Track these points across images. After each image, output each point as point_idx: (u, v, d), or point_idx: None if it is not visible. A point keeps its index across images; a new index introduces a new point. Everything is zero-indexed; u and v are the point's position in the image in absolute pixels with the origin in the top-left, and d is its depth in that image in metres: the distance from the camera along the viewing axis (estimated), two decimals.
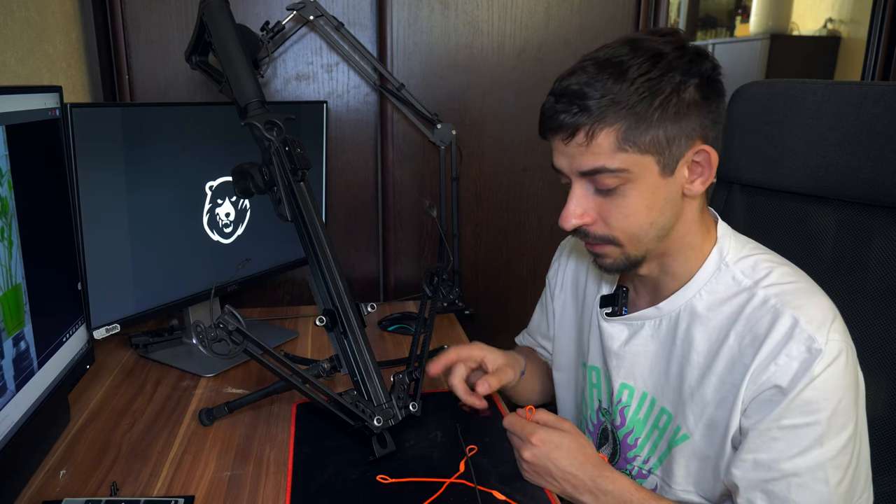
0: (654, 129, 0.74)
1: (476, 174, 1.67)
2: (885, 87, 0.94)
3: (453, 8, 1.56)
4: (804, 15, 3.54)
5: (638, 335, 0.89)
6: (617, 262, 0.83)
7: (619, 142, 0.74)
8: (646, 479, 0.90)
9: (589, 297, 1.00)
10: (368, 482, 0.88)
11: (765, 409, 0.76)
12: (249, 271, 1.39)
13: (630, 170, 0.75)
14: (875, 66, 1.87)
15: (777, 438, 0.75)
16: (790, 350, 0.74)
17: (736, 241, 0.86)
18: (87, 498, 0.85)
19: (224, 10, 1.08)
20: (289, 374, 0.88)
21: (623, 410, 0.91)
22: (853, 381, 0.77)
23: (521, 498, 0.85)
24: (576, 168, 0.77)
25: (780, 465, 0.75)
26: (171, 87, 1.50)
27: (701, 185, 0.80)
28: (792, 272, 0.82)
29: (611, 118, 0.73)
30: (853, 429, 0.76)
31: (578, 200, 0.79)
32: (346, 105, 1.59)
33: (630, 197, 0.77)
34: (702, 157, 0.78)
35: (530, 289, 1.74)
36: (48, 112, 0.89)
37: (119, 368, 1.24)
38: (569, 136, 0.76)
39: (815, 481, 0.75)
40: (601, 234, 0.81)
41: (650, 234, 0.80)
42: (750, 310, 0.79)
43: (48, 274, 0.89)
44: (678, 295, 0.85)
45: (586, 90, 0.74)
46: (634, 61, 0.74)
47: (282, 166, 0.96)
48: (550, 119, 0.77)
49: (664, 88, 0.73)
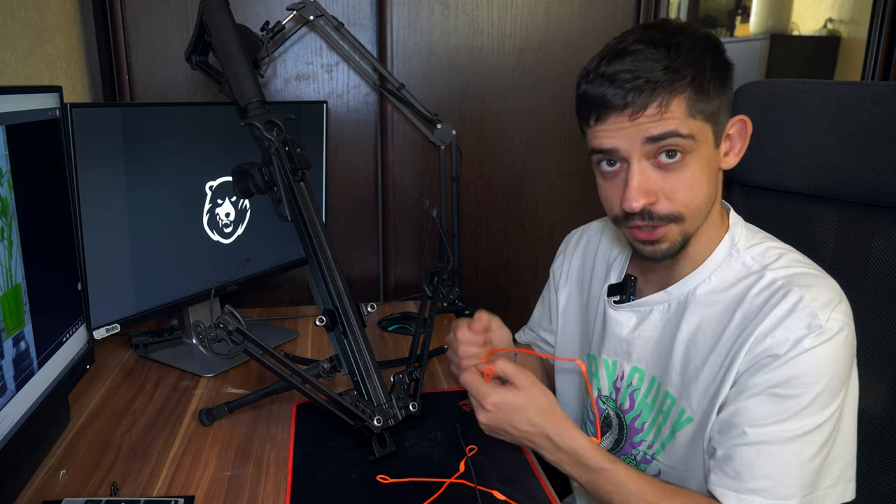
0: (712, 98, 0.77)
1: (476, 174, 1.67)
2: (885, 87, 0.94)
3: (453, 8, 1.56)
4: (804, 15, 3.53)
5: (647, 320, 0.89)
6: (674, 245, 0.82)
7: (689, 108, 0.76)
8: (649, 465, 0.90)
9: (595, 288, 1.00)
10: (368, 482, 0.88)
11: (753, 375, 0.76)
12: (249, 271, 1.39)
13: (696, 137, 0.77)
14: (875, 66, 1.86)
15: (758, 404, 0.75)
16: (790, 324, 0.74)
17: (747, 229, 0.87)
18: (87, 498, 0.85)
19: (224, 10, 1.08)
20: (289, 374, 0.88)
21: (633, 394, 0.92)
22: (847, 363, 0.76)
23: (521, 498, 0.85)
24: (643, 135, 0.76)
25: (754, 430, 0.75)
26: (171, 87, 1.50)
27: (735, 157, 0.83)
28: (801, 258, 0.83)
29: (680, 86, 0.75)
30: (836, 410, 0.75)
31: (641, 178, 0.78)
32: (346, 105, 1.59)
33: (693, 168, 0.78)
34: (736, 128, 0.82)
35: (530, 289, 1.74)
36: (48, 112, 0.89)
37: (119, 368, 1.24)
38: (638, 111, 0.75)
39: (785, 452, 0.74)
40: (666, 213, 0.79)
41: (707, 207, 0.81)
42: (757, 290, 0.79)
43: (48, 274, 0.89)
44: (688, 279, 0.86)
45: (648, 65, 0.75)
46: (676, 38, 0.76)
47: (282, 166, 0.96)
48: (612, 98, 0.76)
49: (707, 62, 0.77)
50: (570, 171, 1.69)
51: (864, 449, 0.81)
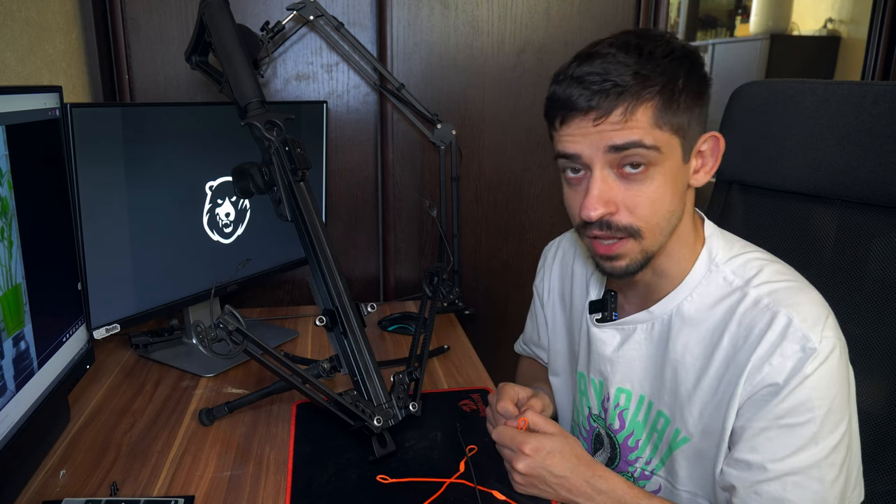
0: (682, 110, 0.74)
1: (476, 174, 1.67)
2: (885, 87, 0.94)
3: (453, 8, 1.56)
4: (804, 15, 3.53)
5: (630, 339, 0.88)
6: (634, 263, 0.80)
7: (655, 118, 0.73)
8: (649, 480, 0.90)
9: (577, 303, 0.99)
10: (368, 482, 0.88)
11: (760, 408, 0.75)
12: (249, 271, 1.39)
13: (661, 149, 0.74)
14: (875, 66, 1.87)
15: (772, 438, 0.75)
16: (784, 349, 0.74)
17: (724, 240, 0.85)
18: (87, 498, 0.85)
19: (224, 10, 1.08)
20: (289, 374, 0.88)
21: (622, 414, 0.91)
22: (845, 377, 0.76)
23: (521, 498, 0.85)
24: (606, 143, 0.74)
25: (776, 465, 0.75)
26: (171, 87, 1.50)
27: (705, 175, 0.81)
28: (783, 269, 0.82)
29: (647, 94, 0.72)
30: (846, 426, 0.76)
31: (602, 186, 0.75)
32: (346, 105, 1.59)
33: (656, 181, 0.75)
34: (709, 144, 0.79)
35: (530, 289, 1.74)
36: (48, 112, 0.89)
37: (119, 368, 1.24)
38: (602, 115, 0.73)
39: (810, 480, 0.74)
40: (625, 225, 0.77)
41: (670, 224, 0.79)
42: (742, 310, 0.78)
43: (48, 274, 0.89)
44: (669, 298, 0.84)
45: (618, 69, 0.73)
46: (650, 45, 0.74)
47: (282, 166, 0.96)
48: (577, 100, 0.74)
49: (680, 72, 0.74)
50: None
51: (864, 449, 0.81)
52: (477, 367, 1.27)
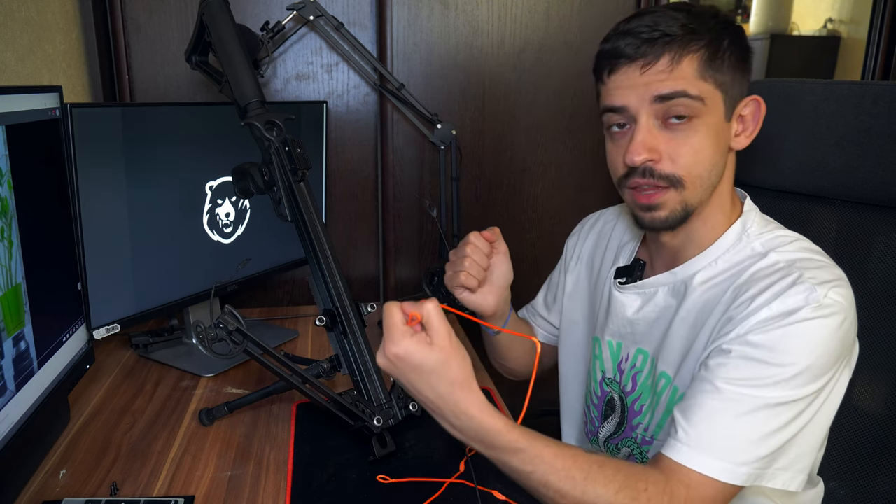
0: (726, 69, 0.78)
1: (476, 174, 1.67)
2: (885, 87, 0.94)
3: (453, 8, 1.56)
4: (804, 15, 3.53)
5: (651, 302, 0.89)
6: (673, 214, 0.80)
7: (700, 70, 0.76)
8: (651, 446, 0.89)
9: (604, 270, 1.00)
10: (368, 482, 0.88)
11: (743, 335, 0.73)
12: (249, 271, 1.39)
13: (705, 101, 0.77)
14: (875, 66, 1.86)
15: (740, 366, 0.72)
16: (787, 296, 0.72)
17: (761, 218, 0.86)
18: (87, 498, 0.85)
19: (224, 10, 1.08)
20: (289, 374, 0.88)
21: (636, 376, 0.91)
22: (838, 350, 0.73)
23: (521, 498, 0.85)
24: (652, 93, 0.77)
25: (729, 387, 0.71)
26: (171, 87, 1.50)
27: (746, 138, 0.82)
28: (812, 246, 0.82)
29: (694, 46, 0.76)
30: (814, 392, 0.72)
31: (646, 134, 0.78)
32: (346, 105, 1.59)
33: (700, 133, 0.78)
34: (750, 108, 0.82)
35: (530, 289, 1.74)
36: (48, 112, 0.89)
37: (119, 368, 1.24)
38: (649, 63, 0.77)
39: (752, 418, 0.71)
40: (667, 173, 0.78)
41: (711, 179, 0.80)
42: (756, 268, 0.78)
43: (48, 274, 0.89)
44: (693, 261, 0.85)
45: (667, 21, 0.76)
46: (699, 9, 0.78)
47: (282, 166, 0.96)
48: (625, 48, 0.78)
49: (725, 35, 0.78)
50: (570, 171, 1.69)
51: (864, 449, 0.81)
52: (477, 366, 1.27)
